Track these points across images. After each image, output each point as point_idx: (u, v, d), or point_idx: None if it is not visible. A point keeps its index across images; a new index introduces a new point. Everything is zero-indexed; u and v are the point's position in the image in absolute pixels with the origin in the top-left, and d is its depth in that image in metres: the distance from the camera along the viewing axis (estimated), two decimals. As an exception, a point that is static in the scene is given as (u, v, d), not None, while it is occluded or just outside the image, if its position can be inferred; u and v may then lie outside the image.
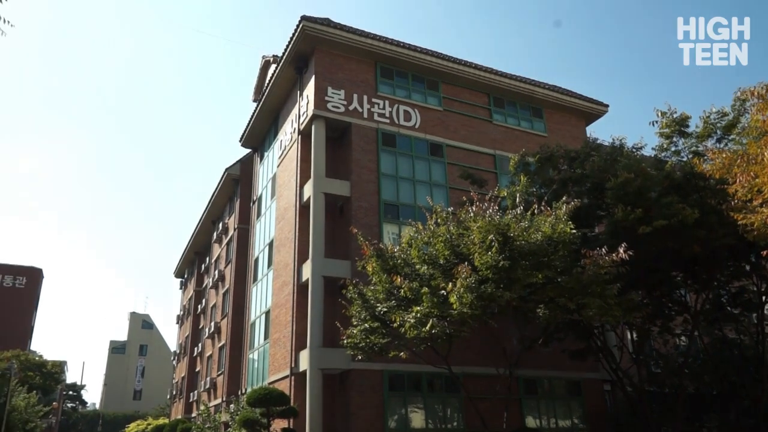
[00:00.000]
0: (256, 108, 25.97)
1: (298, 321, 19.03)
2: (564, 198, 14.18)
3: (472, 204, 14.51)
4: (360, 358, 15.42)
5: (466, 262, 12.99)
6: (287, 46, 21.84)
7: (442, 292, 13.03)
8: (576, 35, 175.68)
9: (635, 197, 14.87)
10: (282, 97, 24.55)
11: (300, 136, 21.70)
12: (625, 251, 12.78)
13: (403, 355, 14.81)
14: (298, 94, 22.61)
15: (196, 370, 37.33)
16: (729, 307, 19.39)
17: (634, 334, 19.17)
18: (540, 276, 12.82)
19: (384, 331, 14.46)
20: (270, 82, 24.30)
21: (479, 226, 13.08)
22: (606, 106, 26.84)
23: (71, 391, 76.82)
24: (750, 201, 11.66)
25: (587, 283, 12.94)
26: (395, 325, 13.80)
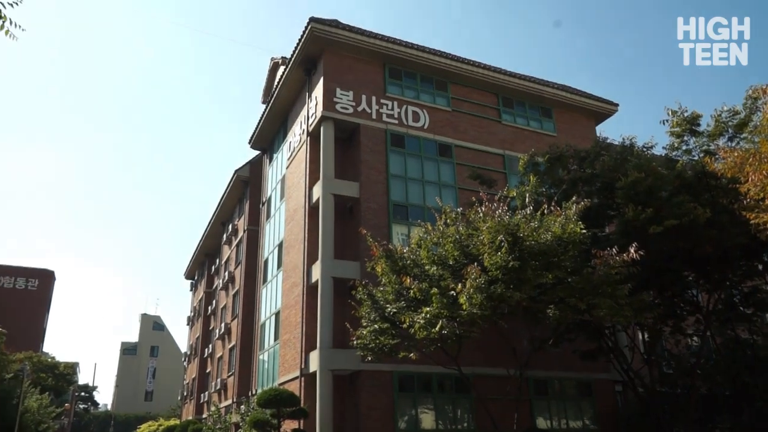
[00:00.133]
0: (265, 110, 26.04)
1: (308, 322, 19.06)
2: (574, 198, 14.11)
3: (481, 204, 14.47)
4: (370, 359, 15.41)
5: (476, 263, 12.95)
6: (296, 48, 21.89)
7: (452, 292, 13.00)
8: (583, 35, 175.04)
9: (646, 197, 14.78)
10: (291, 99, 24.61)
11: (309, 138, 21.74)
12: (635, 251, 12.71)
13: (412, 356, 14.79)
14: (306, 95, 22.65)
15: (207, 371, 37.47)
16: (741, 307, 19.24)
17: (646, 335, 19.05)
18: (550, 276, 12.76)
19: (394, 332, 14.45)
20: (279, 83, 24.36)
21: (489, 227, 13.05)
22: (616, 106, 26.71)
23: (83, 393, 77.22)
24: (762, 200, 11.55)
25: (598, 283, 12.89)
26: (405, 326, 13.78)
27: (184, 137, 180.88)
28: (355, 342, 15.23)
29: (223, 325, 32.86)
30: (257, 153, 30.43)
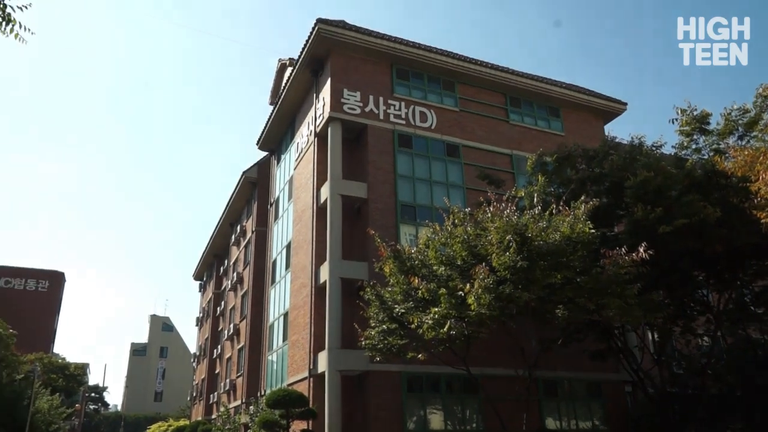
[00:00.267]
0: (273, 111, 26.11)
1: (317, 323, 19.08)
2: (582, 197, 14.04)
3: (489, 204, 14.45)
4: (378, 359, 15.41)
5: (484, 263, 12.92)
6: (303, 49, 21.93)
7: (460, 293, 12.97)
8: (587, 35, 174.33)
9: (655, 196, 14.70)
10: (298, 100, 24.65)
11: (316, 139, 21.77)
12: (645, 251, 12.63)
13: (421, 356, 14.78)
14: (314, 96, 22.69)
15: (216, 371, 37.60)
16: (752, 307, 19.10)
17: (656, 335, 18.93)
18: (559, 276, 12.70)
19: (402, 332, 14.44)
20: (286, 85, 24.42)
21: (497, 227, 13.01)
22: (624, 105, 26.59)
23: (93, 393, 77.71)
24: (773, 198, 11.47)
25: (607, 283, 12.81)
26: (413, 326, 13.77)
27: (193, 139, 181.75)
28: (363, 342, 15.24)
29: (231, 326, 32.96)
30: (265, 154, 30.53)
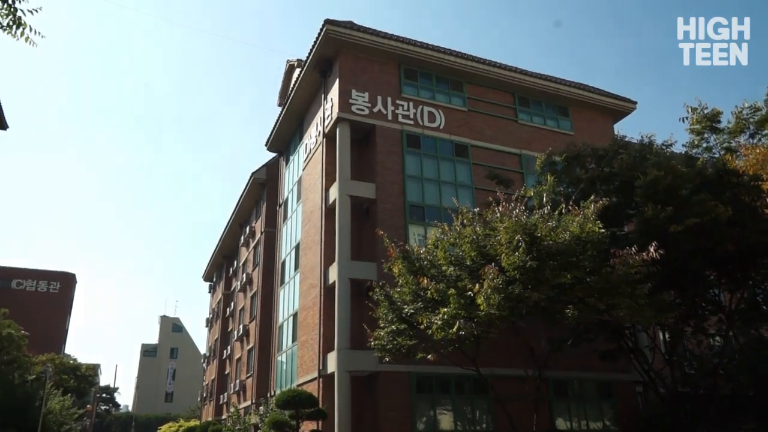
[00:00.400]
0: (281, 112, 26.17)
1: (326, 323, 19.10)
2: (592, 197, 13.97)
3: (498, 204, 14.40)
4: (387, 360, 15.39)
5: (493, 263, 12.88)
6: (311, 50, 21.96)
7: (469, 293, 12.93)
8: (592, 35, 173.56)
9: (665, 195, 14.60)
10: (307, 101, 24.70)
11: (325, 139, 21.79)
12: (655, 250, 12.55)
13: (430, 357, 14.74)
14: (322, 97, 22.72)
15: (226, 372, 37.72)
16: (765, 306, 18.92)
17: (667, 335, 18.80)
18: (568, 276, 12.63)
19: (411, 332, 14.42)
20: (294, 86, 24.47)
21: (506, 227, 12.97)
22: (634, 103, 26.43)
23: (104, 394, 78.25)
24: (786, 197, 11.38)
25: (617, 283, 12.73)
26: (422, 326, 13.75)
27: (202, 140, 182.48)
28: (372, 343, 15.23)
29: (241, 326, 33.06)
30: (274, 155, 30.61)
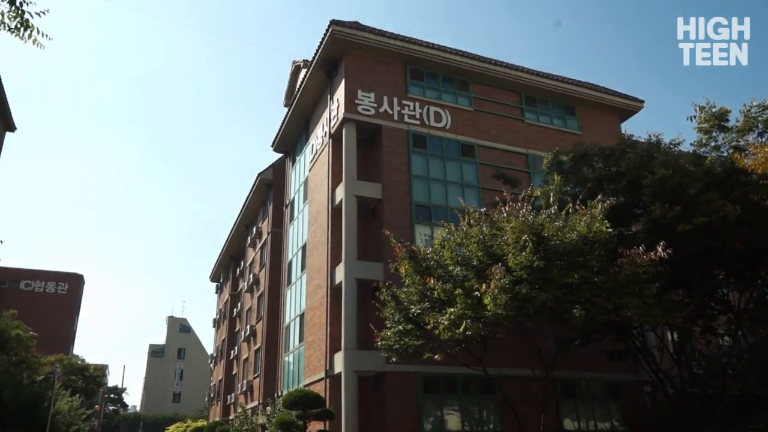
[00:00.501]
0: (288, 113, 26.21)
1: (332, 323, 19.11)
2: (599, 196, 13.93)
3: (505, 204, 14.37)
4: (394, 360, 15.40)
5: (500, 263, 12.86)
6: (317, 51, 21.98)
7: (476, 293, 12.92)
8: (603, 33, 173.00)
9: (673, 194, 14.53)
10: (313, 101, 24.72)
11: (331, 140, 21.81)
12: (663, 250, 12.49)
13: (437, 357, 14.73)
14: (328, 97, 22.74)
15: (233, 372, 37.81)
16: (774, 306, 18.79)
17: (675, 335, 18.71)
18: (576, 276, 12.60)
19: (418, 332, 14.41)
20: (300, 86, 24.49)
21: (513, 227, 12.95)
22: (641, 102, 26.32)
23: (113, 394, 78.65)
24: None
25: (624, 282, 12.68)
26: (429, 326, 13.73)
27: (209, 141, 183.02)
28: (379, 343, 15.22)
29: (248, 327, 33.12)
30: (280, 156, 30.66)
